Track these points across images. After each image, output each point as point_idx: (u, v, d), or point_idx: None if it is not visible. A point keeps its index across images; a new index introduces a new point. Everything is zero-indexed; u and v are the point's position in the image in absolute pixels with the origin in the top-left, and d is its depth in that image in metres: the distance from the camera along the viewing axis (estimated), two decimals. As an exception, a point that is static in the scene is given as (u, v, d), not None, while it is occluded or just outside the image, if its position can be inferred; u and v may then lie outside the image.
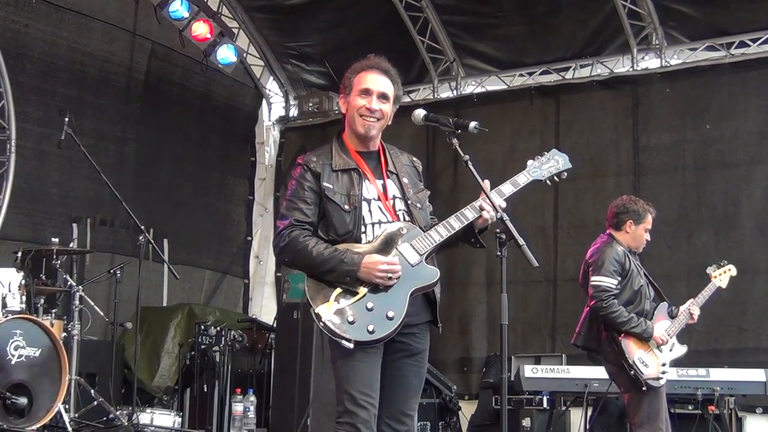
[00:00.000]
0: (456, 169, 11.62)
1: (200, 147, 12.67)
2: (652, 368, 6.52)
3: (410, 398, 4.47)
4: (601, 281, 6.59)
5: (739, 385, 8.70)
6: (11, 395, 7.06)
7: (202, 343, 9.84)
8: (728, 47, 10.65)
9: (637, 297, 6.67)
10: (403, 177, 4.57)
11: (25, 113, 10.24)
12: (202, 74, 12.22)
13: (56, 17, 10.67)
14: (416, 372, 4.45)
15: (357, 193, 4.41)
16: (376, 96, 4.47)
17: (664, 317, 6.80)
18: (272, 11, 12.57)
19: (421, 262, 4.34)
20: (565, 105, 11.51)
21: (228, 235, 13.14)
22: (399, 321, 4.23)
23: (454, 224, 4.40)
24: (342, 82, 4.57)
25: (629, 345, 6.54)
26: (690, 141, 10.74)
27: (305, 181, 4.43)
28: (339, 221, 4.37)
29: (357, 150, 4.53)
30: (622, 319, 6.51)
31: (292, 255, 4.37)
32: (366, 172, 4.48)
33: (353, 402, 4.21)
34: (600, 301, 6.55)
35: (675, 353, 6.75)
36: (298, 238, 4.33)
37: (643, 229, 6.84)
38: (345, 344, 4.15)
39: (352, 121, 4.51)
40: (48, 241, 8.61)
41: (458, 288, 11.49)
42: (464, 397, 10.92)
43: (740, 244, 10.23)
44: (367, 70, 4.53)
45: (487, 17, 11.65)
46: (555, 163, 4.78)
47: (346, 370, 4.25)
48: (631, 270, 6.68)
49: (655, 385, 6.49)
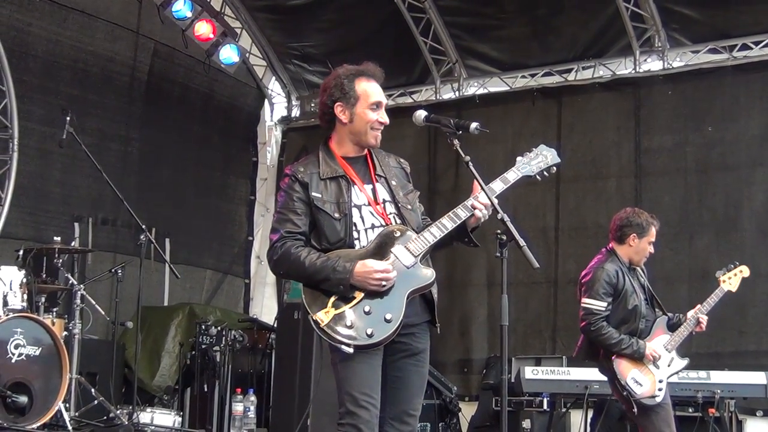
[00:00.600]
0: (457, 170, 11.61)
1: (202, 147, 12.69)
2: (646, 386, 6.45)
3: (413, 398, 4.46)
4: (591, 304, 6.53)
5: (740, 388, 8.69)
6: (12, 393, 7.07)
7: (202, 342, 9.85)
8: (731, 50, 10.66)
9: (631, 316, 6.58)
10: (391, 180, 4.56)
11: (28, 112, 10.26)
12: (205, 74, 12.23)
13: (60, 16, 10.70)
14: (418, 372, 4.45)
15: (346, 200, 4.40)
16: (384, 108, 4.51)
17: (663, 331, 6.70)
18: (275, 11, 12.58)
19: (416, 264, 4.34)
20: (567, 107, 11.51)
21: (229, 235, 13.15)
22: (397, 323, 4.23)
23: (447, 224, 4.39)
24: (337, 88, 4.48)
25: (621, 365, 6.49)
26: (692, 143, 10.73)
27: (294, 192, 4.42)
28: (330, 230, 4.38)
29: (344, 156, 4.51)
30: (611, 341, 6.46)
31: (285, 267, 4.37)
32: (354, 178, 4.47)
33: (355, 403, 4.22)
34: (589, 324, 6.51)
35: (674, 368, 6.65)
36: (290, 250, 4.33)
37: (646, 243, 6.73)
38: (345, 349, 4.16)
39: (360, 133, 4.48)
40: (50, 240, 8.62)
41: (458, 289, 11.50)
42: (464, 399, 10.93)
43: (741, 247, 10.22)
44: (369, 79, 4.51)
45: (490, 18, 11.66)
46: (543, 159, 4.76)
47: (347, 372, 4.26)
48: (625, 290, 6.59)
49: (649, 404, 6.42)
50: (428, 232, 4.38)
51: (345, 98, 4.46)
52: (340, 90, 4.47)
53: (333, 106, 4.49)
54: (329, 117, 4.52)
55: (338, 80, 4.50)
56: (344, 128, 4.50)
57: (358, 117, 4.46)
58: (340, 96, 4.47)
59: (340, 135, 4.53)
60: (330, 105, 4.49)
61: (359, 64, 4.57)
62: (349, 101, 4.46)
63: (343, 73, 4.52)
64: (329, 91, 4.50)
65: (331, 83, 4.52)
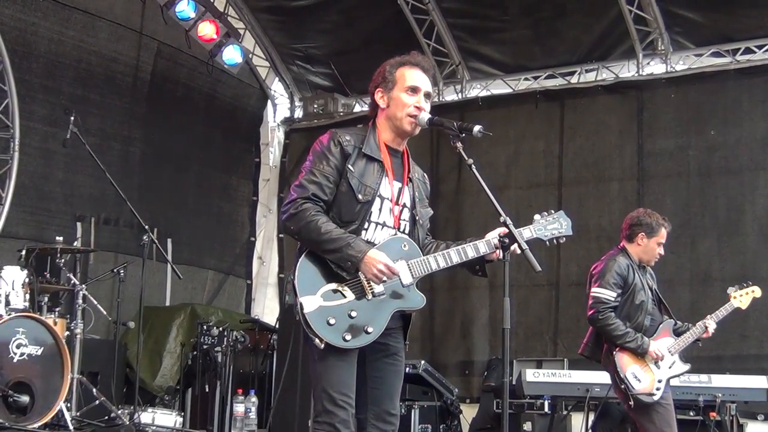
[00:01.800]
0: (460, 173, 11.63)
1: (205, 147, 12.69)
2: (645, 383, 6.51)
3: (394, 397, 4.50)
4: (600, 293, 6.61)
5: (741, 392, 8.70)
6: (13, 393, 7.06)
7: (204, 343, 9.84)
8: (734, 53, 10.67)
9: (637, 312, 6.65)
10: (416, 188, 4.60)
11: (31, 112, 10.26)
12: (208, 75, 12.25)
13: (63, 16, 10.69)
14: (396, 371, 4.50)
15: (374, 187, 4.41)
16: (423, 95, 4.49)
17: (668, 334, 6.76)
18: (278, 12, 12.58)
19: (412, 286, 4.38)
20: (570, 109, 11.51)
21: (231, 236, 13.16)
22: (375, 337, 4.28)
23: (454, 257, 4.45)
24: (379, 75, 4.53)
25: (622, 359, 6.55)
26: (694, 147, 10.74)
27: (331, 156, 4.39)
28: (347, 208, 4.37)
29: (387, 144, 4.52)
30: (617, 332, 6.52)
31: (299, 225, 4.31)
32: (388, 169, 4.48)
33: (332, 402, 4.24)
34: (597, 312, 6.58)
35: (675, 371, 6.70)
36: (310, 211, 4.29)
37: (655, 243, 6.79)
38: (317, 342, 4.20)
39: (395, 118, 4.48)
40: (52, 240, 8.61)
41: (460, 291, 11.52)
42: (465, 401, 10.92)
43: (743, 251, 10.24)
44: (411, 67, 4.52)
45: (493, 21, 11.66)
46: (559, 226, 4.75)
47: (324, 370, 4.28)
48: (634, 284, 6.66)
49: (646, 401, 6.47)
50: (434, 260, 4.42)
51: (384, 83, 4.52)
52: (382, 76, 4.53)
53: (374, 92, 4.55)
54: (373, 105, 4.57)
55: (383, 68, 4.56)
56: (383, 113, 4.53)
57: (393, 101, 4.48)
58: (380, 82, 4.53)
59: (381, 122, 4.54)
60: (372, 92, 4.56)
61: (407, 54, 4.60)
62: (387, 86, 4.50)
63: (390, 62, 4.57)
64: (374, 79, 4.57)
65: (377, 72, 4.58)
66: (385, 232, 4.44)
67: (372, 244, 4.36)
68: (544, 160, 11.55)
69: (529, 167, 11.60)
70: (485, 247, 4.45)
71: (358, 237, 4.31)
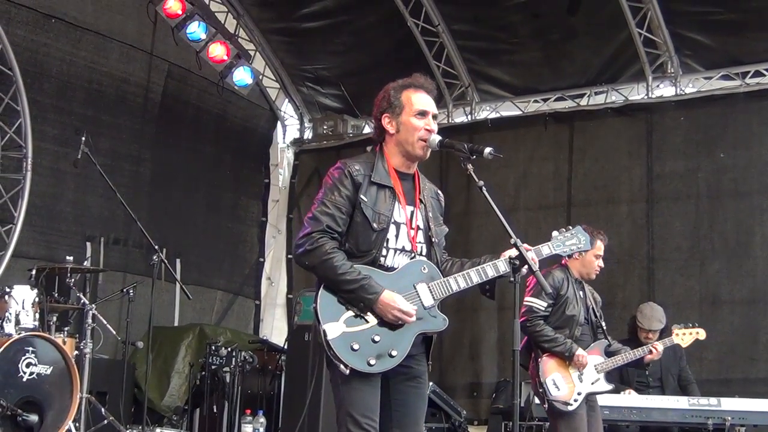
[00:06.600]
0: (469, 194, 11.62)
1: (214, 168, 12.73)
2: (563, 391, 6.70)
3: (419, 421, 4.50)
4: (532, 302, 6.82)
5: (750, 415, 8.63)
6: (22, 412, 7.08)
7: (212, 363, 9.84)
8: (743, 76, 10.68)
9: (568, 323, 6.84)
10: (429, 209, 4.58)
11: (42, 132, 10.30)
12: (218, 95, 12.31)
13: (74, 37, 10.76)
14: (420, 394, 4.49)
15: (387, 214, 4.39)
16: (431, 117, 4.50)
17: (599, 353, 6.94)
18: (289, 34, 12.65)
19: (434, 307, 4.39)
20: (579, 131, 11.52)
21: (240, 256, 13.18)
22: (399, 361, 4.27)
23: (474, 278, 4.48)
24: (384, 100, 4.51)
25: (547, 365, 6.76)
26: (704, 169, 10.73)
27: (343, 187, 4.37)
28: (364, 237, 4.36)
29: (396, 169, 4.50)
30: (546, 337, 6.75)
31: (315, 262, 4.29)
32: (400, 194, 4.46)
33: (356, 425, 4.23)
34: (527, 320, 6.76)
35: (597, 388, 6.85)
36: (325, 247, 4.28)
37: (592, 256, 6.95)
38: (342, 368, 4.19)
39: (407, 143, 4.46)
40: (62, 260, 8.63)
41: (469, 313, 11.50)
42: (473, 422, 10.89)
43: (753, 274, 10.21)
44: (415, 90, 4.52)
45: (503, 43, 11.70)
46: (577, 242, 4.83)
47: (348, 393, 4.26)
48: (567, 297, 6.85)
49: (561, 409, 6.64)
50: (454, 281, 4.44)
51: (391, 109, 4.49)
52: (387, 101, 4.50)
53: (381, 118, 4.52)
54: (379, 130, 4.54)
55: (386, 93, 4.53)
56: (392, 139, 4.50)
57: (403, 126, 4.46)
58: (386, 107, 4.50)
59: (390, 147, 4.52)
60: (378, 118, 4.53)
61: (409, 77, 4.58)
62: (395, 111, 4.48)
63: (392, 85, 4.55)
64: (378, 104, 4.54)
65: (380, 96, 4.55)
66: (404, 256, 4.43)
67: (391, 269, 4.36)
68: (553, 181, 11.55)
69: (538, 189, 11.61)
70: (504, 266, 4.45)
71: (372, 278, 4.28)
